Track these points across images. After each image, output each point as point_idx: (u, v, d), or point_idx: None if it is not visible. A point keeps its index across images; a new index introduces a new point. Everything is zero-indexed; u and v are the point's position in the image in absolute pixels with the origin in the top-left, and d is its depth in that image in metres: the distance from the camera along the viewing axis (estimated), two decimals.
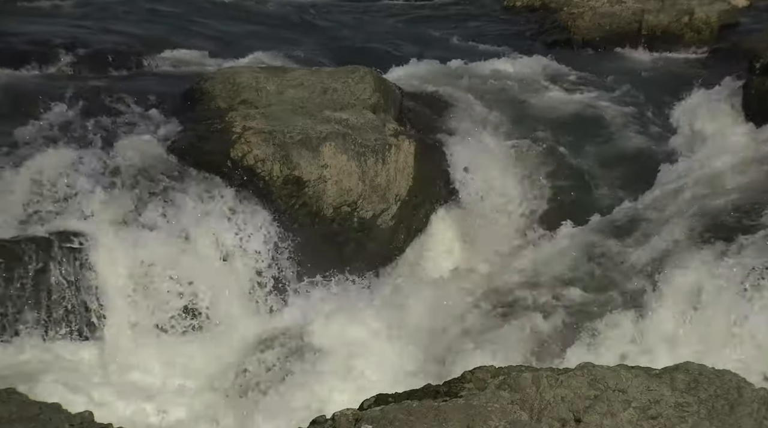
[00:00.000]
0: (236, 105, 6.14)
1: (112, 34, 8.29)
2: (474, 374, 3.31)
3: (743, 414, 3.16)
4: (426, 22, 11.15)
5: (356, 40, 9.72)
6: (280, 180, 5.60)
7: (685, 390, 3.19)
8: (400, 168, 6.08)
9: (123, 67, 7.45)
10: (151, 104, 6.31)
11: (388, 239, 6.10)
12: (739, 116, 7.51)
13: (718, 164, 6.75)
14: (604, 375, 3.18)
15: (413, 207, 6.22)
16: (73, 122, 5.97)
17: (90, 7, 9.77)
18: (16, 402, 3.38)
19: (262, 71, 6.58)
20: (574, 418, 3.05)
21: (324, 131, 5.84)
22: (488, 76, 8.03)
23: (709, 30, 9.90)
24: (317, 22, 10.65)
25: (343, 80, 6.46)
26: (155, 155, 5.73)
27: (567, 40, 10.00)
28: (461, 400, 3.06)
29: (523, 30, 10.65)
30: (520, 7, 11.53)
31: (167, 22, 9.55)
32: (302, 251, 5.65)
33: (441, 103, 7.19)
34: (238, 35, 9.40)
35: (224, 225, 5.40)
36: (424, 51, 8.78)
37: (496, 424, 2.92)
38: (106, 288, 4.99)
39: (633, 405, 3.08)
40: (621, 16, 10.05)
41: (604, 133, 7.26)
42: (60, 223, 5.13)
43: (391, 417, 2.95)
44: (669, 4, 10.10)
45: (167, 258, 5.17)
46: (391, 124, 6.28)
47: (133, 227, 5.18)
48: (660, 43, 9.82)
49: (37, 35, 7.87)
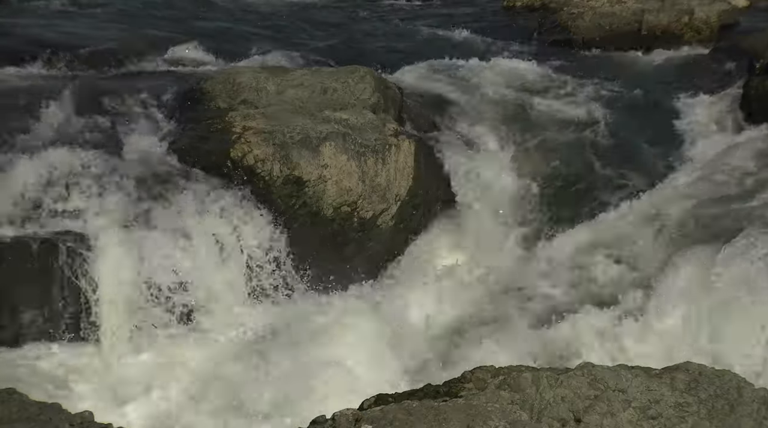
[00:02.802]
0: (236, 105, 6.14)
1: (111, 34, 8.30)
2: (474, 374, 3.31)
3: (743, 414, 3.16)
4: (426, 22, 11.15)
5: (356, 40, 9.72)
6: (280, 180, 5.60)
7: (685, 390, 3.19)
8: (400, 168, 6.08)
9: (123, 67, 7.45)
10: (152, 104, 6.31)
11: (388, 239, 6.09)
12: (739, 116, 7.52)
13: (718, 164, 6.75)
14: (604, 375, 3.18)
15: (413, 207, 6.22)
16: (73, 122, 5.97)
17: (90, 7, 9.79)
18: (16, 402, 3.38)
19: (262, 71, 6.58)
20: (574, 418, 3.05)
21: (324, 131, 5.84)
22: (488, 76, 8.03)
23: (709, 30, 9.90)
24: (317, 22, 10.65)
25: (343, 80, 6.46)
26: (155, 155, 5.74)
27: (567, 40, 10.00)
28: (461, 400, 3.06)
29: (523, 30, 10.65)
30: (520, 7, 11.53)
31: (167, 21, 9.56)
32: (302, 251, 5.65)
33: (441, 104, 7.19)
34: (238, 35, 9.41)
35: (224, 225, 5.39)
36: (424, 51, 8.78)
37: (496, 424, 2.92)
38: (106, 288, 4.99)
39: (633, 405, 3.08)
40: (621, 16, 10.05)
41: (603, 133, 7.25)
42: (60, 223, 5.13)
43: (391, 417, 2.95)
44: (669, 4, 10.11)
45: (167, 258, 5.17)
46: (391, 124, 6.28)
47: (133, 227, 5.18)
48: (660, 43, 9.82)
49: (37, 35, 7.88)
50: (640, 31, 9.94)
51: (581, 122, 7.38)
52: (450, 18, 11.42)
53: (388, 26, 10.72)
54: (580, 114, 7.50)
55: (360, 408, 3.24)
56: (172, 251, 5.19)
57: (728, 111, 7.64)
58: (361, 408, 3.24)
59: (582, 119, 7.42)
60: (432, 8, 12.37)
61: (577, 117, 7.44)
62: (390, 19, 11.21)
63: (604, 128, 7.34)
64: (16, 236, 4.97)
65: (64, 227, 5.10)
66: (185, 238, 5.26)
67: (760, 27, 9.48)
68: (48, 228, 5.06)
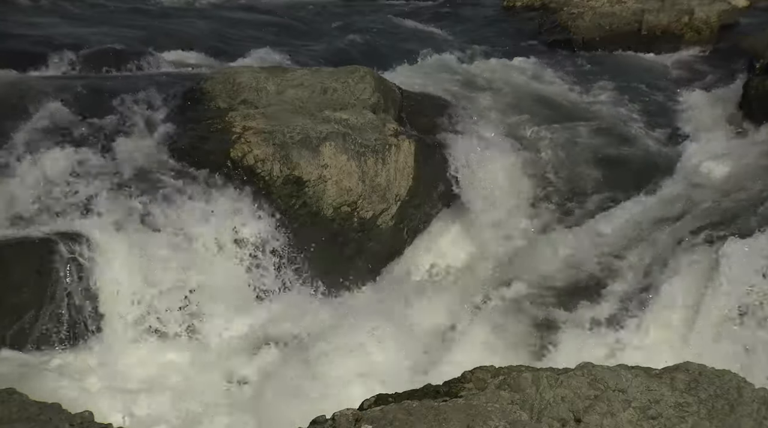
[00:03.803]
0: (236, 105, 6.14)
1: (112, 34, 8.30)
2: (474, 374, 3.31)
3: (743, 414, 3.16)
4: (426, 22, 11.17)
5: (356, 40, 9.73)
6: (280, 180, 5.60)
7: (685, 390, 3.19)
8: (400, 168, 6.08)
9: (123, 67, 7.45)
10: (152, 104, 6.31)
11: (388, 239, 6.09)
12: (738, 116, 7.52)
13: (717, 164, 6.76)
14: (604, 375, 3.18)
15: (413, 207, 6.22)
16: (73, 122, 5.97)
17: (90, 7, 9.79)
18: (16, 402, 3.38)
19: (262, 71, 6.58)
20: (574, 418, 3.04)
21: (324, 131, 5.83)
22: (488, 76, 8.04)
23: (709, 30, 9.91)
24: (317, 22, 10.66)
25: (343, 80, 6.46)
26: (155, 155, 5.74)
27: (567, 40, 10.01)
28: (461, 400, 3.06)
29: (523, 30, 10.66)
30: (519, 7, 11.54)
31: (167, 22, 9.57)
32: (302, 251, 5.64)
33: (441, 104, 7.19)
34: (238, 35, 9.41)
35: (224, 225, 5.39)
36: (424, 51, 8.78)
37: (496, 424, 2.91)
38: (106, 289, 4.99)
39: (633, 405, 3.08)
40: (621, 16, 10.06)
41: (603, 133, 7.26)
42: (60, 224, 5.13)
43: (391, 417, 2.95)
44: (669, 4, 10.11)
45: (167, 258, 5.17)
46: (391, 124, 6.28)
47: (133, 227, 5.18)
48: (660, 43, 9.84)
49: (38, 35, 7.89)
50: (640, 31, 9.95)
51: (581, 122, 7.38)
52: (450, 18, 11.44)
53: (388, 26, 10.73)
54: (580, 114, 7.51)
55: (360, 408, 3.24)
56: (171, 251, 5.19)
57: (728, 111, 7.64)
58: (361, 408, 3.24)
59: (582, 119, 7.42)
60: (432, 8, 12.39)
61: (576, 117, 7.45)
62: (390, 19, 11.22)
63: (603, 128, 7.34)
64: (15, 236, 4.97)
65: (64, 227, 5.09)
66: (185, 238, 5.26)
67: (760, 27, 9.50)
68: (48, 228, 5.06)
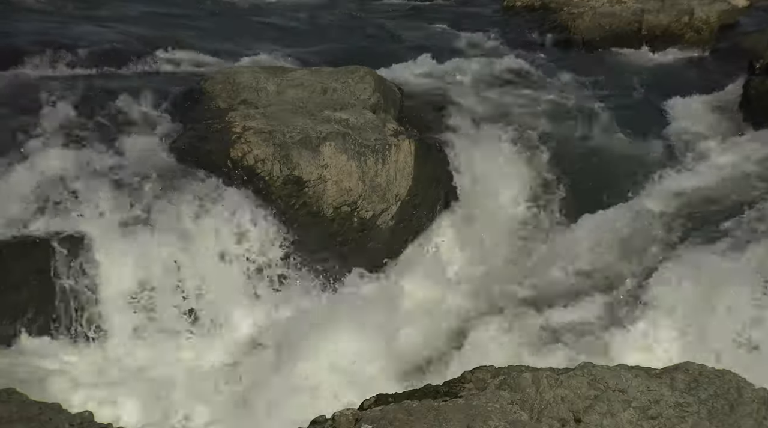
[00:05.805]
0: (236, 105, 6.14)
1: (112, 33, 8.30)
2: (474, 374, 3.31)
3: (743, 414, 3.16)
4: (426, 22, 11.16)
5: (356, 40, 9.73)
6: (280, 180, 5.60)
7: (685, 390, 3.18)
8: (400, 168, 6.08)
9: (123, 67, 7.45)
10: (152, 104, 6.31)
11: (388, 239, 6.09)
12: (738, 116, 7.52)
13: (717, 164, 6.76)
14: (604, 375, 3.18)
15: (413, 207, 6.22)
16: (74, 122, 5.97)
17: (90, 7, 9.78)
18: (16, 402, 3.38)
19: (262, 71, 6.58)
20: (574, 418, 3.04)
21: (324, 131, 5.83)
22: (488, 77, 8.04)
23: (709, 30, 9.92)
24: (317, 22, 10.66)
25: (343, 80, 6.46)
26: (155, 155, 5.73)
27: (567, 40, 10.02)
28: (461, 400, 3.06)
29: (523, 30, 10.65)
30: (520, 7, 11.54)
31: (168, 21, 9.56)
32: (302, 251, 5.64)
33: (441, 103, 7.19)
34: (238, 35, 9.41)
35: (224, 225, 5.39)
36: (424, 51, 8.78)
37: (496, 424, 2.92)
38: (106, 288, 4.99)
39: (633, 405, 3.08)
40: (621, 16, 10.07)
41: (603, 133, 7.27)
42: (60, 223, 5.13)
43: (391, 417, 2.95)
44: (669, 4, 10.12)
45: (167, 258, 5.17)
46: (391, 124, 6.28)
47: (133, 227, 5.18)
48: (660, 43, 9.84)
49: (38, 35, 7.87)
50: (640, 31, 9.95)
51: (581, 121, 7.39)
52: (450, 18, 11.43)
53: (388, 26, 10.73)
54: (580, 114, 7.51)
55: (360, 408, 3.24)
56: (171, 251, 5.19)
57: (728, 111, 7.64)
58: (361, 408, 3.24)
59: (582, 119, 7.42)
60: (432, 8, 12.39)
61: (577, 117, 7.45)
62: (390, 19, 11.22)
63: (603, 128, 7.35)
64: (16, 235, 4.97)
65: (64, 226, 5.09)
66: (185, 238, 5.26)
67: (760, 27, 9.50)
68: (48, 228, 5.05)
